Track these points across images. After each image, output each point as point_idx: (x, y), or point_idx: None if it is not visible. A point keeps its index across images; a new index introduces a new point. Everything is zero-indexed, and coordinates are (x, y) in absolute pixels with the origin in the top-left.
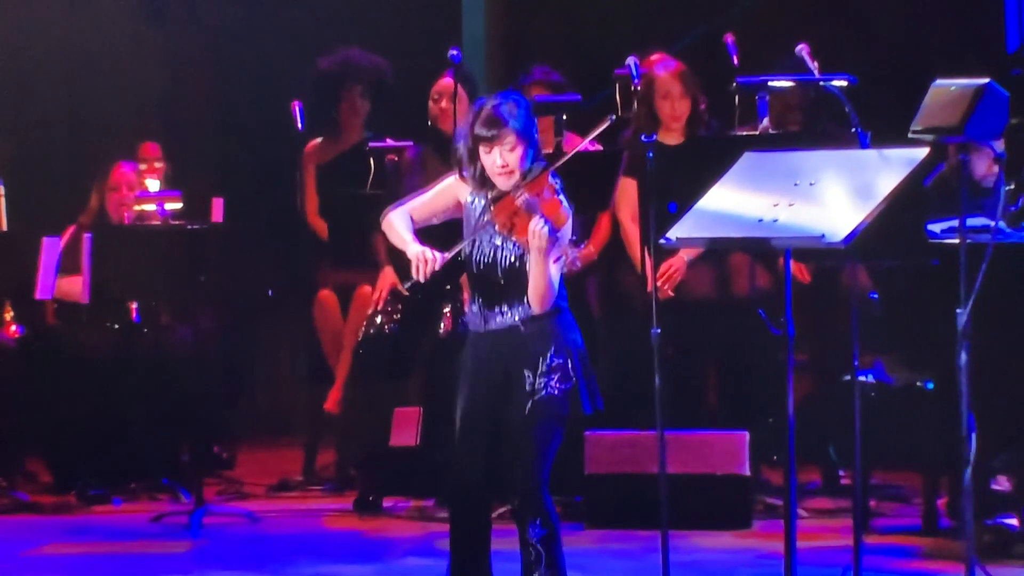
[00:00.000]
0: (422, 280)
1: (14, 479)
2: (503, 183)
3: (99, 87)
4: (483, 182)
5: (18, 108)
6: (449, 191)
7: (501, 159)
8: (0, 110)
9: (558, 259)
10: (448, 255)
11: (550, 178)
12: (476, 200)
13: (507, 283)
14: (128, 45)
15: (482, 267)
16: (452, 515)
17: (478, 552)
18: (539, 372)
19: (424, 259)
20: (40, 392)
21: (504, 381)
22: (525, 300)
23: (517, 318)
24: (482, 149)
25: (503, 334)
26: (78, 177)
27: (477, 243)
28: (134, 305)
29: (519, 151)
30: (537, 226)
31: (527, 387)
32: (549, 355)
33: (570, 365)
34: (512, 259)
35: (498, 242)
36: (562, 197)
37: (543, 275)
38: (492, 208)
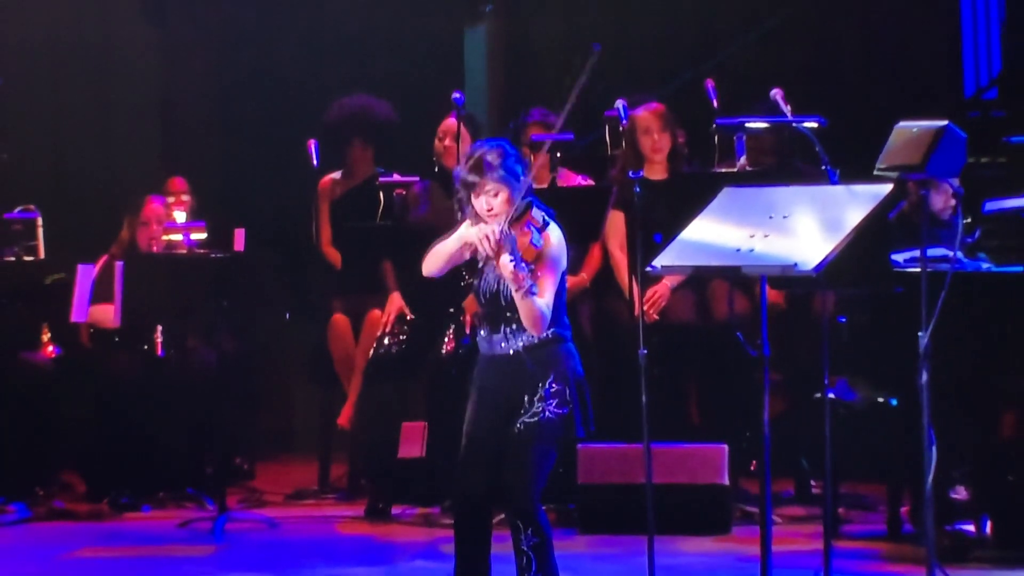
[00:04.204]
0: (492, 252)
1: (51, 489)
2: (494, 223)
3: (130, 125)
4: (479, 221)
5: (55, 147)
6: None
7: (486, 204)
8: (39, 149)
9: (527, 288)
10: (503, 226)
11: (535, 212)
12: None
13: (510, 313)
14: (157, 87)
15: (488, 297)
16: (456, 522)
17: (479, 556)
18: (538, 396)
19: (487, 235)
20: (75, 408)
21: (506, 403)
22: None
23: (521, 345)
24: (472, 193)
25: (507, 360)
26: (110, 209)
27: (484, 275)
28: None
29: (502, 195)
30: (504, 261)
31: (526, 410)
32: (549, 381)
33: (568, 392)
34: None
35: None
36: (536, 232)
37: (524, 304)
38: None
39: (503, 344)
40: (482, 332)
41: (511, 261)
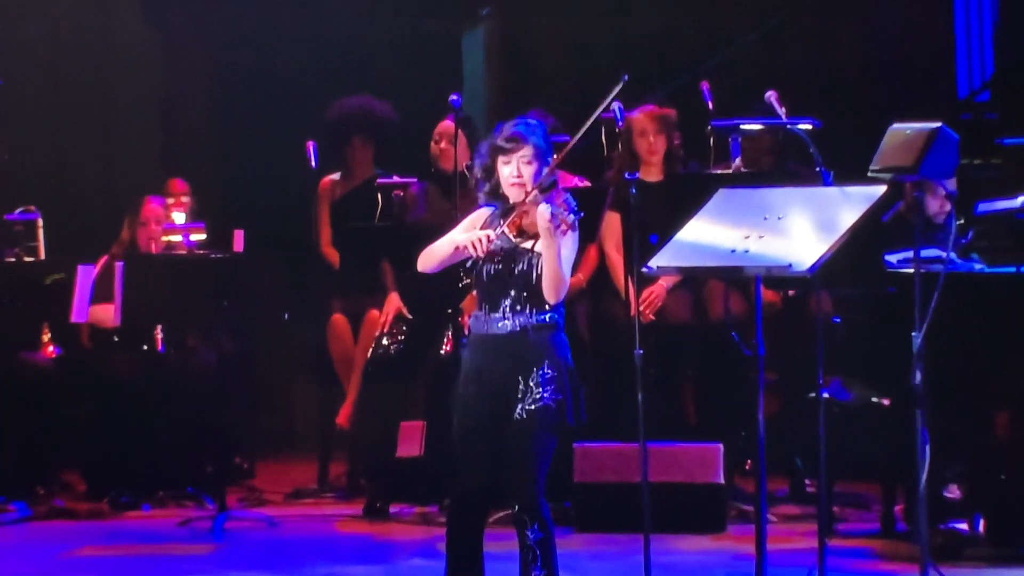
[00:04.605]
0: (481, 255)
1: (52, 488)
2: (515, 195)
3: (130, 125)
4: (496, 197)
5: (55, 147)
6: (468, 226)
7: (517, 171)
8: (39, 149)
9: (565, 231)
10: (496, 232)
11: (560, 187)
12: (491, 219)
13: (516, 290)
14: (157, 87)
15: (492, 274)
16: (451, 520)
17: (474, 555)
18: (534, 381)
19: (479, 239)
20: (76, 408)
21: (501, 388)
22: (528, 309)
23: (519, 324)
24: (501, 160)
25: (504, 339)
26: (110, 210)
27: (489, 258)
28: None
29: (534, 166)
30: (541, 209)
31: (524, 394)
32: (544, 366)
33: (562, 379)
34: (523, 266)
35: (510, 250)
36: (568, 196)
37: (555, 258)
38: (504, 219)
39: (501, 323)
40: (480, 313)
41: (548, 207)
